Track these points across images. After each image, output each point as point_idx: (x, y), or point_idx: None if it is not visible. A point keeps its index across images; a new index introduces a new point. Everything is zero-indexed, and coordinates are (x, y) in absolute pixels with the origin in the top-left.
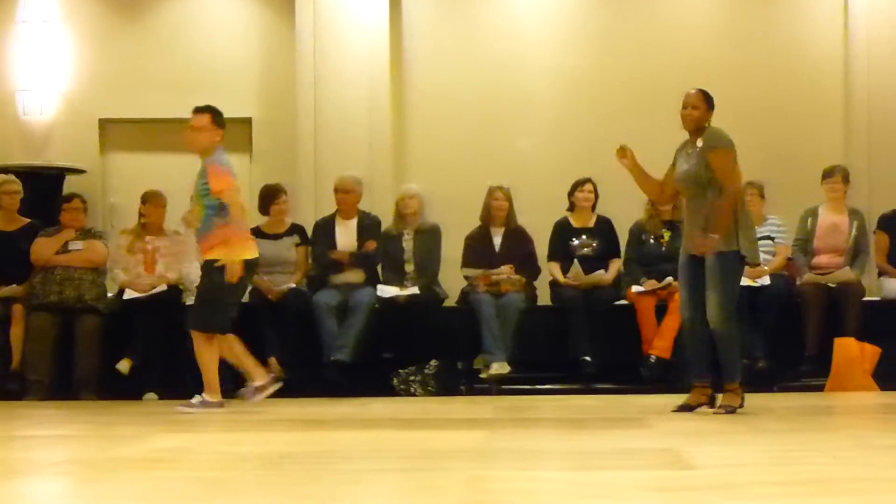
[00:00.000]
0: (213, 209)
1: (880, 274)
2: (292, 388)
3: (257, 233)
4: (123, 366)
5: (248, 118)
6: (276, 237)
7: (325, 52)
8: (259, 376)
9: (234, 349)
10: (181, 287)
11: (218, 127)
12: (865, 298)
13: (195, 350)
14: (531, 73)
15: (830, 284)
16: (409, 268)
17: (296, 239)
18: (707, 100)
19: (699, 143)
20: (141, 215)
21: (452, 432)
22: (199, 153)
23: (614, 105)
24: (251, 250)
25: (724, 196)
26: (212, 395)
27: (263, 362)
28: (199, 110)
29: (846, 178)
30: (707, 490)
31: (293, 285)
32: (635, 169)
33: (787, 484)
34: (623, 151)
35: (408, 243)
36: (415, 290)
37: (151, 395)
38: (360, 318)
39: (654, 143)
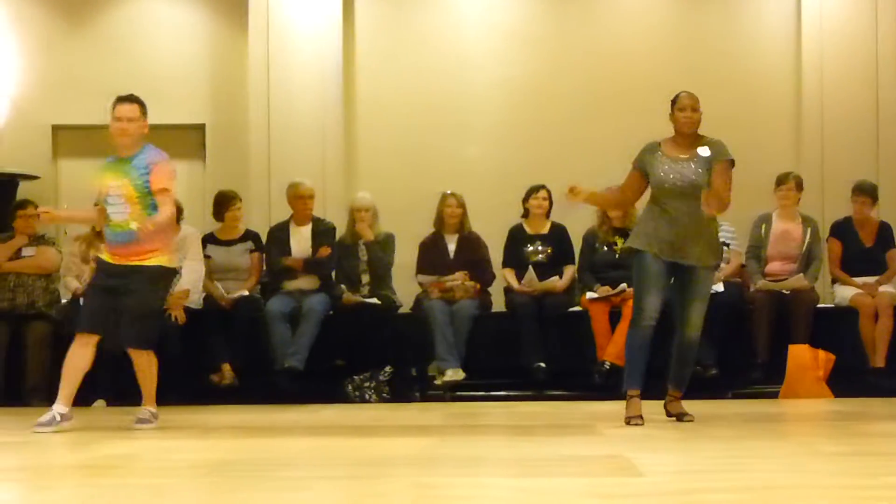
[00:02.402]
0: (154, 209)
1: (833, 281)
2: (244, 395)
3: (211, 239)
4: None
5: (201, 124)
6: (230, 243)
7: (277, 58)
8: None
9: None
10: None
11: (146, 118)
12: (819, 305)
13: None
14: (480, 81)
15: (784, 291)
16: (365, 278)
17: (249, 245)
18: None
19: (703, 151)
20: None
21: (401, 439)
22: (129, 147)
23: (563, 111)
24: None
25: (721, 205)
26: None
27: (215, 370)
28: (125, 100)
29: (799, 185)
30: (655, 497)
31: (246, 292)
32: (592, 198)
33: (735, 491)
34: (573, 193)
35: (363, 253)
36: (374, 300)
37: (100, 403)
38: (313, 324)
39: (602, 149)
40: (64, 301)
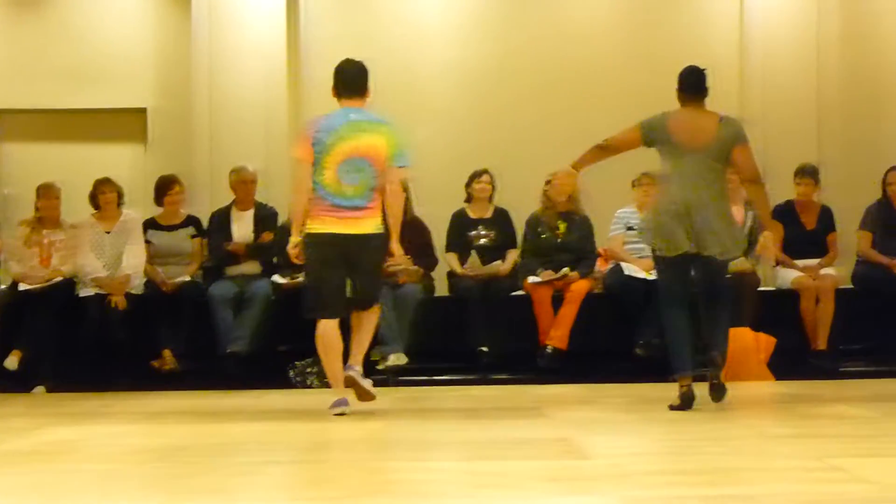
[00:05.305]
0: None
1: (776, 264)
2: (187, 380)
3: (153, 224)
4: (12, 361)
5: (143, 108)
6: (171, 228)
7: (221, 41)
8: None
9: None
10: (75, 280)
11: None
12: (761, 288)
13: None
14: (427, 64)
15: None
16: None
17: (191, 230)
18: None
19: None
20: (36, 208)
21: (348, 423)
22: None
23: (510, 96)
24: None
25: None
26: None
27: (157, 355)
28: None
29: None
30: (601, 479)
31: (188, 277)
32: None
33: (681, 473)
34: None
35: None
36: None
37: (40, 389)
38: (256, 309)
39: (550, 133)
40: (4, 287)
